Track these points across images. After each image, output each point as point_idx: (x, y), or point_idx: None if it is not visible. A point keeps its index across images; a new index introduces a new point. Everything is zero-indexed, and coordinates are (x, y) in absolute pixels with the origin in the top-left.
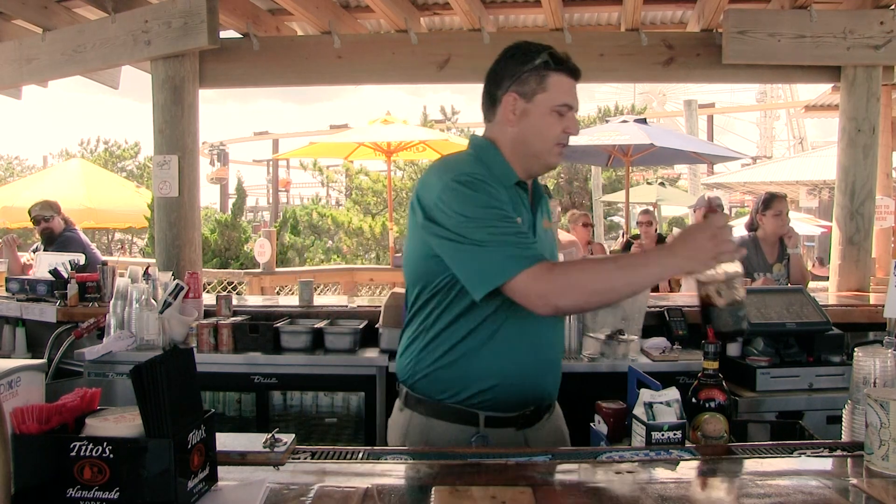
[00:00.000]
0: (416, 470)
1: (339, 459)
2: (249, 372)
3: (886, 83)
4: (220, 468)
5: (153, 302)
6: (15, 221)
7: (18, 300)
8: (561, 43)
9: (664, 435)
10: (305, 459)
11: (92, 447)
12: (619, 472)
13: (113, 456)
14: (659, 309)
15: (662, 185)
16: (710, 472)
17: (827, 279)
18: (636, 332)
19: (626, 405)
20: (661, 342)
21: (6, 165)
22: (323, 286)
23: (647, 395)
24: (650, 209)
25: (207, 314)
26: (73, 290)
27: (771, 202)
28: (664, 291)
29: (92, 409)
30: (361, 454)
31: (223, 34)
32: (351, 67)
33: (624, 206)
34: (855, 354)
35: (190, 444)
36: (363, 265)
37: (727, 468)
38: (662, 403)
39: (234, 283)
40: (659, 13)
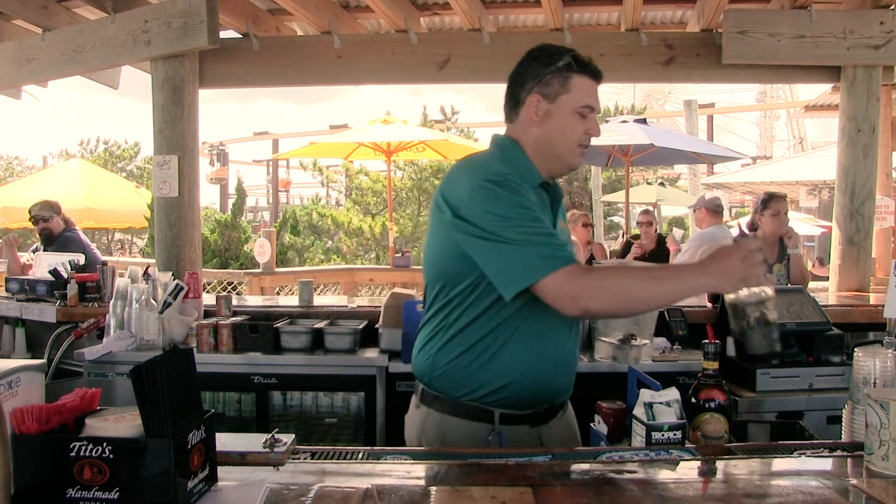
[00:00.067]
0: (416, 470)
1: (339, 459)
2: (249, 372)
3: (886, 83)
4: (220, 468)
5: (153, 302)
6: (15, 221)
7: (18, 300)
8: (560, 43)
9: (664, 435)
10: (305, 460)
11: (92, 447)
12: (619, 472)
13: (113, 456)
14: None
15: (662, 185)
16: (710, 472)
17: (827, 279)
18: (648, 336)
19: (626, 405)
20: (661, 342)
21: (6, 165)
22: (323, 286)
23: (647, 395)
24: (650, 209)
25: (207, 314)
26: (72, 290)
27: (769, 202)
28: None
29: (92, 409)
30: (361, 454)
31: (223, 34)
32: (351, 67)
33: (624, 206)
34: (855, 354)
35: (190, 444)
36: (363, 265)
37: (727, 468)
38: (662, 403)
39: (233, 283)
40: (659, 13)
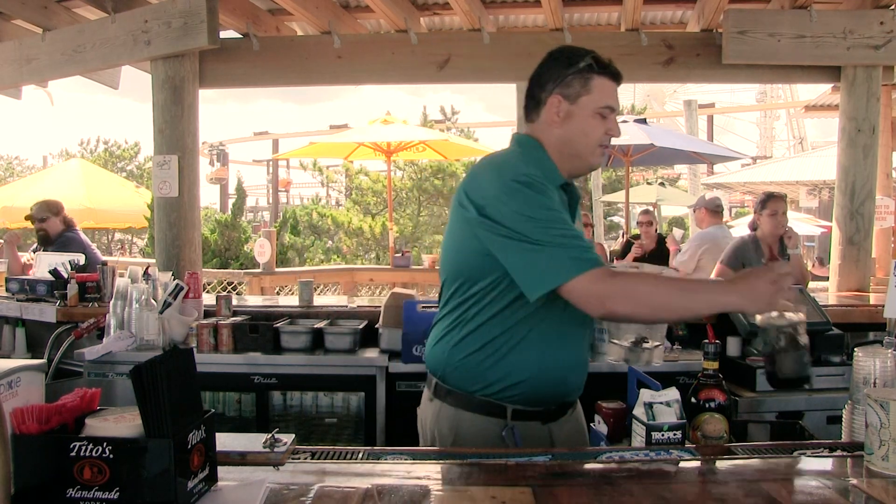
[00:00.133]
0: (416, 470)
1: (339, 459)
2: (249, 372)
3: (886, 83)
4: (220, 468)
5: (153, 302)
6: (15, 221)
7: (18, 300)
8: (560, 43)
9: (664, 435)
10: (305, 459)
11: (92, 447)
12: (619, 472)
13: (113, 456)
14: None
15: (662, 185)
16: (710, 472)
17: (827, 279)
18: (660, 338)
19: (626, 405)
20: None
21: (6, 165)
22: (323, 286)
23: (647, 395)
24: (650, 209)
25: (207, 314)
26: (72, 290)
27: (767, 202)
28: None
29: (92, 409)
30: (361, 454)
31: (223, 34)
32: (351, 67)
33: (624, 206)
34: (855, 354)
35: (190, 444)
36: (363, 265)
37: (727, 468)
38: (662, 403)
39: (233, 283)
40: (659, 13)
